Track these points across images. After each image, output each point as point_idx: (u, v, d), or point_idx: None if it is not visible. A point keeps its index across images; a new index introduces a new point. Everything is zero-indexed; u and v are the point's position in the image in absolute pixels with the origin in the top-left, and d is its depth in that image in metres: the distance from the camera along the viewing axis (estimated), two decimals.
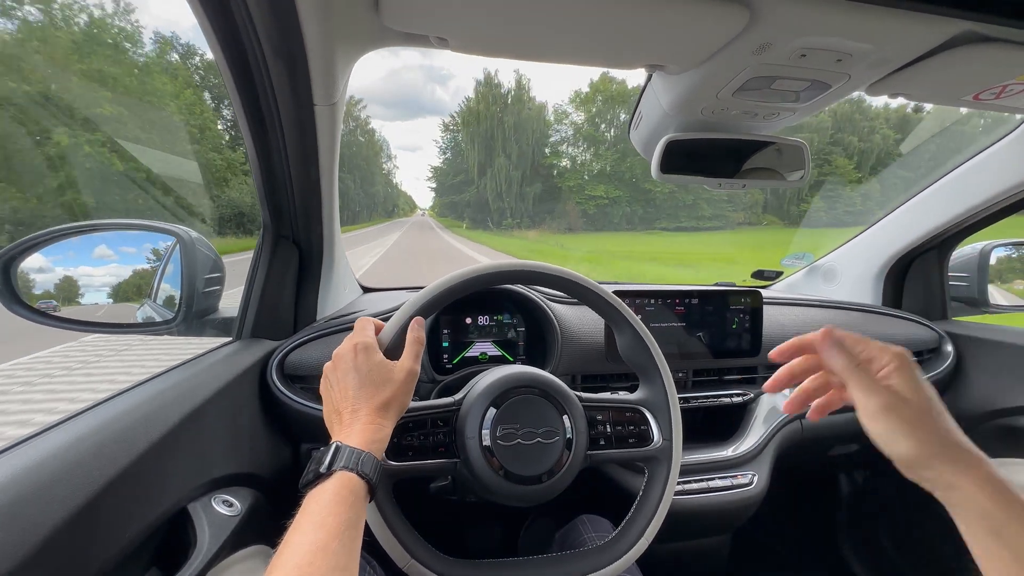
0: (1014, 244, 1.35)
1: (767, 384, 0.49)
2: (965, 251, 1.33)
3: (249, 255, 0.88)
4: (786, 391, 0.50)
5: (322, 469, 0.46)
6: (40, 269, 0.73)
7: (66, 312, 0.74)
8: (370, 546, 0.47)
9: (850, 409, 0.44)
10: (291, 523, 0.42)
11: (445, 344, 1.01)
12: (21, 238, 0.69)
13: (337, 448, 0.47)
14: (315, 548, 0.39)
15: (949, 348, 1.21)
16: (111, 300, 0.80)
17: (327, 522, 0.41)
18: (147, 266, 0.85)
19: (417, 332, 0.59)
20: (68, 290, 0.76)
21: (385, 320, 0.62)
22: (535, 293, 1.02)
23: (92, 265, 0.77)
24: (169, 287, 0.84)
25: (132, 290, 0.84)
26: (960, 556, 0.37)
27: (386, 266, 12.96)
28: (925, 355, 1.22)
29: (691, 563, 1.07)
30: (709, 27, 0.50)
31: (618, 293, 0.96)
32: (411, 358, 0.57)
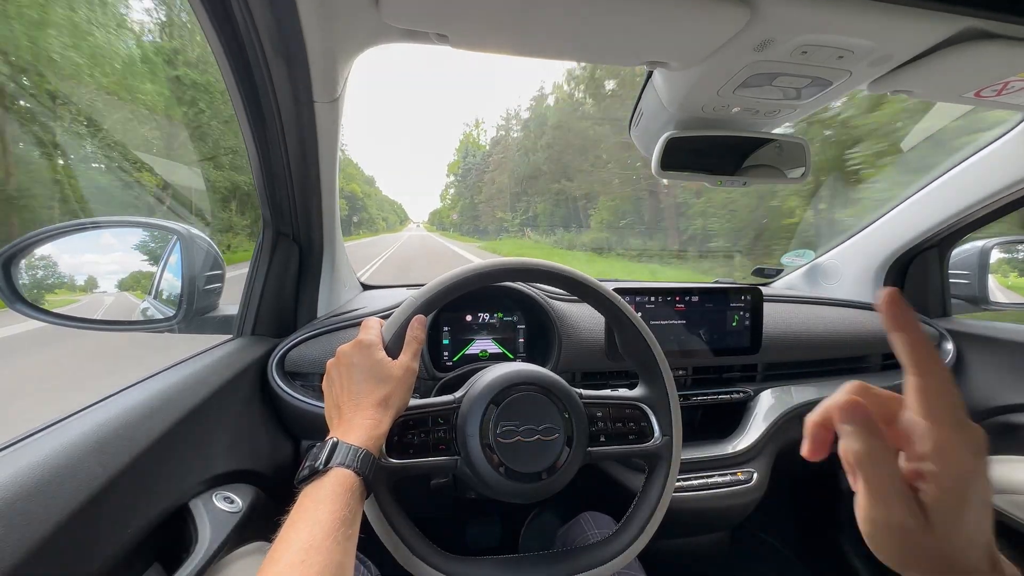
0: (1015, 241, 1.35)
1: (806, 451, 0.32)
2: (966, 248, 1.33)
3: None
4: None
5: (318, 465, 0.46)
6: (41, 266, 0.73)
7: (66, 309, 0.74)
8: (363, 544, 0.47)
9: None
10: (286, 519, 0.42)
11: (446, 341, 1.01)
12: (20, 236, 0.69)
13: (334, 444, 0.47)
14: (309, 545, 0.39)
15: (949, 346, 1.21)
16: (115, 290, 0.80)
17: (322, 519, 0.41)
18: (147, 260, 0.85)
19: (417, 331, 0.60)
20: (69, 288, 0.76)
21: (386, 318, 0.62)
22: (535, 291, 1.02)
23: (96, 257, 0.78)
24: (169, 284, 0.84)
25: (133, 286, 0.84)
26: None
27: None
28: None
29: (692, 559, 1.08)
30: (710, 24, 0.50)
31: (618, 291, 0.96)
32: (410, 356, 0.58)
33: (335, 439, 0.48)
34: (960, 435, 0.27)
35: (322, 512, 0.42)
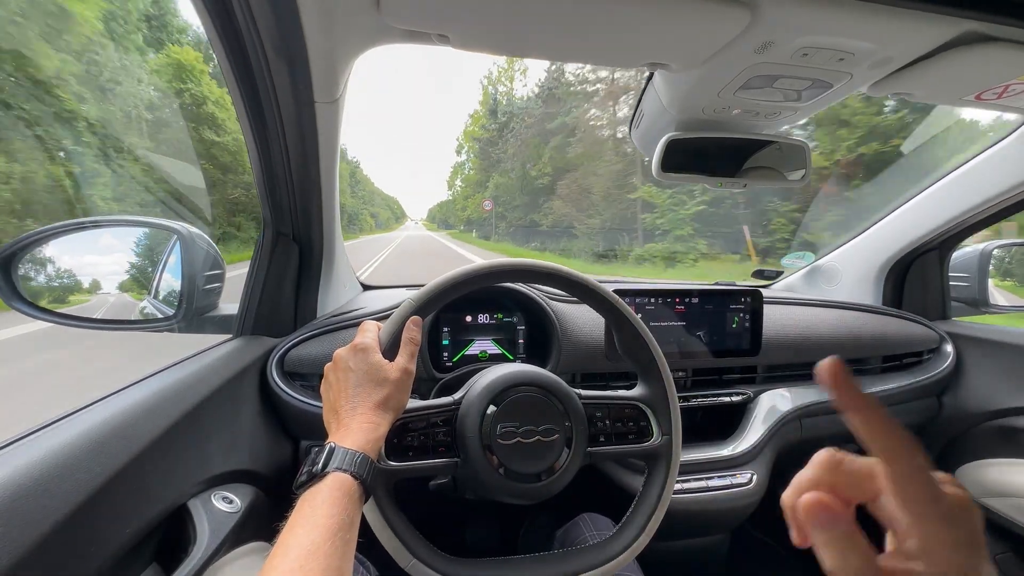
0: (1015, 244, 1.35)
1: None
2: (966, 251, 1.33)
3: None
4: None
5: (316, 470, 0.46)
6: (40, 265, 0.73)
7: (66, 308, 0.74)
8: (363, 547, 0.47)
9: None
10: (284, 525, 0.42)
11: (445, 342, 1.01)
12: (20, 235, 0.69)
13: (331, 449, 0.47)
14: (308, 550, 0.39)
15: (949, 348, 1.21)
16: (116, 291, 0.80)
17: (320, 523, 0.41)
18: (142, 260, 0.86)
19: (413, 332, 0.59)
20: (69, 286, 0.76)
21: (384, 320, 0.62)
22: (535, 291, 1.02)
23: (96, 256, 0.78)
24: (169, 284, 0.84)
25: (133, 286, 0.84)
26: None
27: None
28: (925, 355, 1.22)
29: (690, 561, 1.07)
30: (711, 26, 0.50)
31: (618, 292, 0.96)
32: (406, 357, 0.57)
33: (332, 444, 0.48)
34: (950, 532, 0.22)
35: (320, 517, 0.42)
